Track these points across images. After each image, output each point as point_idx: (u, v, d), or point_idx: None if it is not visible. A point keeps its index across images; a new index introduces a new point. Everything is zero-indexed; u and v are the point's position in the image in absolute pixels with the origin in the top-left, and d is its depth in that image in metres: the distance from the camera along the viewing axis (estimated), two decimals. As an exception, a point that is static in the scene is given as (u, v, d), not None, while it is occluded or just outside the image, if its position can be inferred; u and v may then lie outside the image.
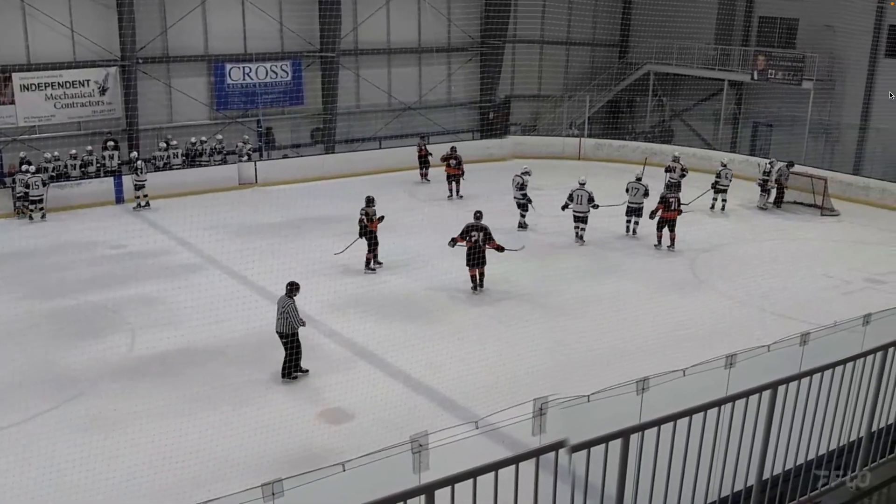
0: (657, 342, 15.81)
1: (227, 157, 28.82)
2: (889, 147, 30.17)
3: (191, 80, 29.61)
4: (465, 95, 35.82)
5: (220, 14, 29.78)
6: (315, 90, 31.73)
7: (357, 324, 16.29)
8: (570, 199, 22.24)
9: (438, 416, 12.71)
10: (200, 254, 20.78)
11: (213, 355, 15.07)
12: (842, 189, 27.36)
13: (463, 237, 18.42)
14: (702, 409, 5.67)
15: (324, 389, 13.75)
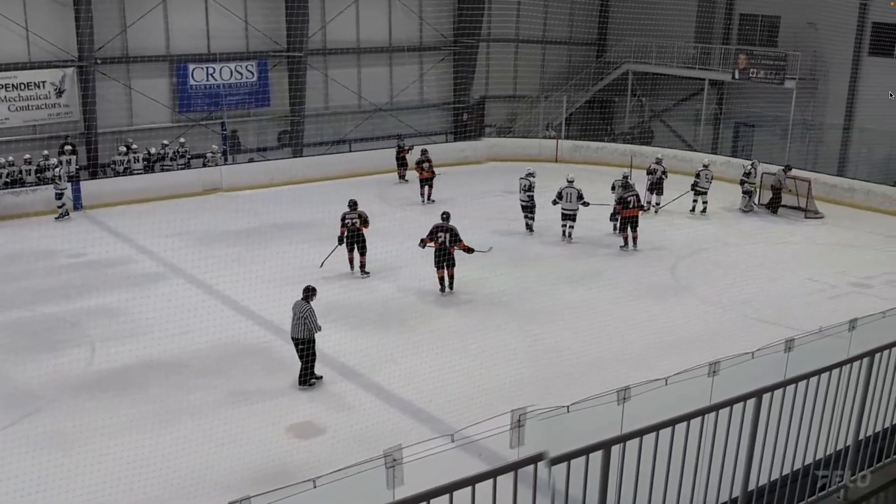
0: (638, 350, 15.88)
1: (191, 161, 28.69)
2: (874, 148, 30.49)
3: (152, 81, 29.44)
4: (437, 96, 35.85)
5: (183, 12, 29.64)
6: (282, 91, 31.64)
7: (327, 334, 16.22)
8: (560, 196, 22.69)
9: (413, 429, 12.69)
10: (163, 262, 20.65)
11: (176, 368, 14.96)
12: (826, 191, 27.63)
13: (430, 238, 18.76)
14: (685, 419, 5.69)
15: (293, 403, 13.69)
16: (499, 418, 8.14)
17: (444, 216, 19.05)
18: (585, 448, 4.98)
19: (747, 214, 26.32)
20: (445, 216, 19.04)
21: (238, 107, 30.99)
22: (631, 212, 22.29)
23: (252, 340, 16.13)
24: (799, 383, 6.52)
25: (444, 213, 19.18)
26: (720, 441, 6.25)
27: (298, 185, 28.84)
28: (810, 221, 25.78)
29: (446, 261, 18.75)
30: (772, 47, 33.20)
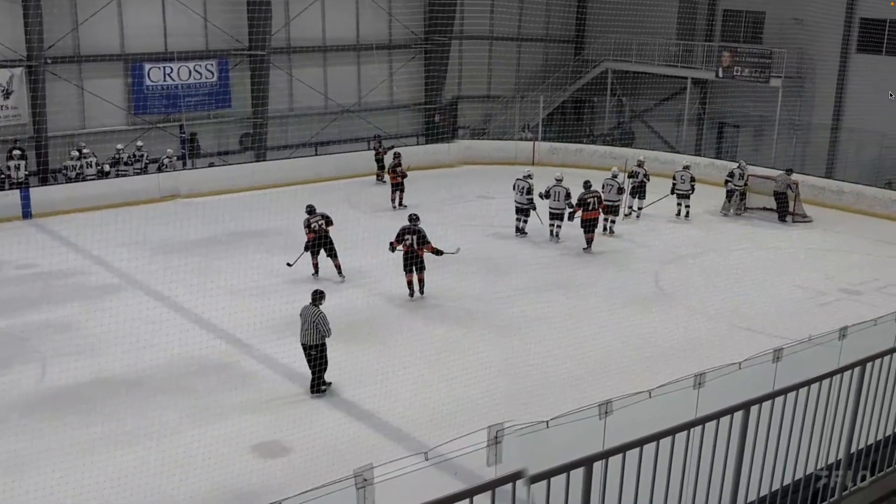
0: (620, 362, 15.93)
1: (148, 165, 28.51)
2: (863, 148, 30.80)
3: (106, 81, 29.27)
4: (408, 97, 35.88)
5: (138, 9, 29.51)
6: (244, 92, 31.55)
7: (294, 348, 16.16)
8: (547, 194, 23.19)
9: (384, 447, 12.66)
10: (118, 273, 20.50)
11: (134, 386, 14.86)
12: (814, 193, 27.87)
13: (398, 240, 19.07)
14: (670, 433, 5.71)
15: (258, 420, 13.63)
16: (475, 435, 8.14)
17: (412, 218, 19.32)
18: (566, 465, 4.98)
19: (730, 218, 26.49)
20: (413, 218, 19.32)
21: (197, 108, 30.85)
22: (590, 214, 22.66)
23: (214, 355, 16.04)
24: (788, 395, 6.57)
25: (411, 215, 19.46)
26: (707, 456, 6.27)
27: (262, 190, 28.72)
28: (798, 226, 25.98)
29: (415, 264, 19.01)
30: (756, 44, 33.47)
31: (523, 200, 23.74)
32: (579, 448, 5.41)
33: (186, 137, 30.48)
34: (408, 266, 19.05)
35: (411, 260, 19.00)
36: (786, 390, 6.54)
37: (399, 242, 19.09)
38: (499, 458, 8.01)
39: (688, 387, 9.59)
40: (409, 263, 19.04)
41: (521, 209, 23.87)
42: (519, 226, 23.96)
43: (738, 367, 9.91)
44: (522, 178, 23.88)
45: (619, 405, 8.95)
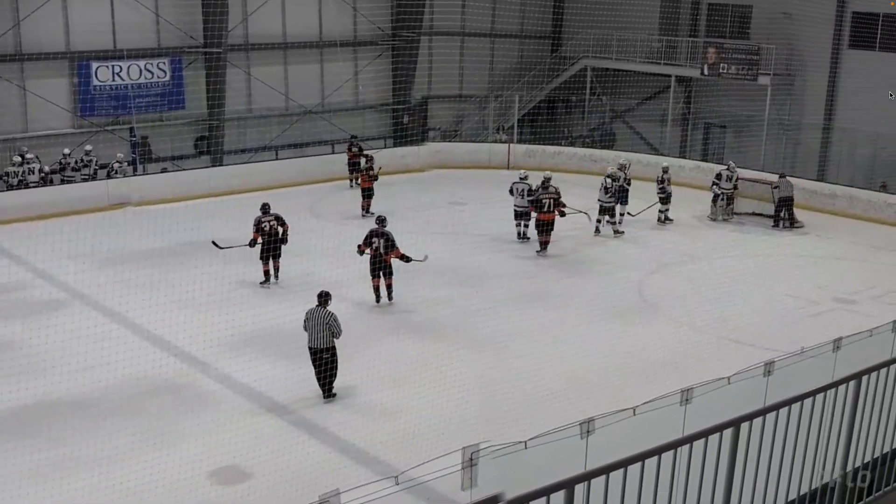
0: (602, 378, 15.97)
1: (98, 171, 28.26)
2: (856, 149, 31.09)
3: (50, 81, 29.09)
4: (375, 97, 35.89)
5: (84, 4, 29.37)
6: (199, 92, 31.45)
7: (253, 366, 16.11)
8: (511, 192, 23.90)
9: (352, 471, 12.62)
10: (64, 287, 20.35)
11: (81, 408, 14.74)
12: (805, 197, 28.09)
13: (365, 244, 19.37)
14: (655, 453, 5.73)
15: (216, 444, 13.55)
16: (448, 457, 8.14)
17: (380, 220, 19.62)
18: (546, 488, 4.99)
19: (717, 223, 26.64)
20: (381, 221, 19.61)
21: (149, 110, 30.73)
22: (545, 215, 22.95)
23: (168, 374, 15.95)
24: (780, 410, 6.61)
25: (379, 217, 19.77)
26: (695, 476, 6.30)
27: (218, 197, 28.59)
28: (789, 232, 26.17)
29: (382, 269, 19.24)
30: (744, 40, 33.74)
31: (524, 204, 24.02)
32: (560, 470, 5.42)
33: (137, 141, 30.32)
34: (374, 271, 19.27)
35: (378, 265, 19.21)
36: (777, 406, 6.59)
37: (366, 246, 19.31)
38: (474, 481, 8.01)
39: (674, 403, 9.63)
40: (375, 268, 19.24)
41: (522, 213, 24.16)
42: (520, 231, 24.28)
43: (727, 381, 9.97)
44: (520, 181, 24.24)
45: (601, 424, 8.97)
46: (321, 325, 14.77)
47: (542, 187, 23.23)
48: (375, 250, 19.19)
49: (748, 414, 6.30)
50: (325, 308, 14.93)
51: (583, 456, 8.59)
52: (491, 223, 24.46)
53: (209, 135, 31.78)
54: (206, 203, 27.94)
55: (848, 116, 31.20)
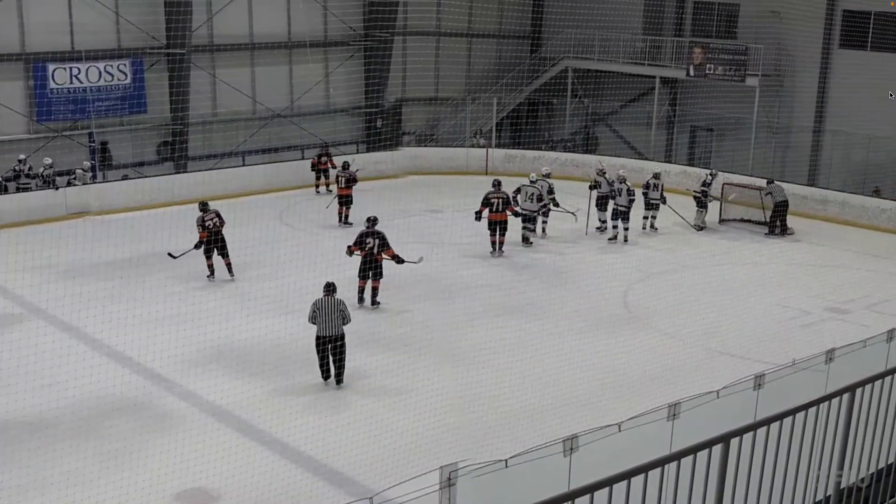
0: (586, 392, 15.99)
1: (56, 179, 28.01)
2: (848, 153, 31.30)
3: (4, 84, 28.97)
4: (346, 100, 35.89)
5: (40, 2, 29.24)
6: (161, 95, 31.38)
7: (221, 383, 16.05)
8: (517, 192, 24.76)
9: (324, 493, 12.61)
10: (20, 301, 20.24)
11: (38, 429, 14.64)
12: (796, 203, 28.23)
13: (358, 245, 19.80)
14: (642, 471, 5.74)
15: (181, 465, 13.48)
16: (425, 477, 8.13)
17: (371, 221, 20.06)
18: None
19: (704, 232, 26.75)
20: (372, 221, 20.05)
21: (108, 114, 30.63)
22: (498, 216, 23.60)
23: (130, 393, 15.86)
24: (771, 425, 6.64)
25: (370, 218, 20.15)
26: (683, 494, 6.32)
27: (183, 205, 28.47)
28: (778, 239, 26.31)
29: (372, 270, 19.70)
30: (731, 39, 33.95)
31: (534, 207, 24.78)
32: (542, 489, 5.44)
33: (96, 147, 30.20)
34: (364, 272, 19.81)
35: (369, 266, 19.64)
36: (768, 420, 6.62)
37: (359, 247, 19.72)
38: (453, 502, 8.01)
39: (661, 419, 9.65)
40: (366, 269, 19.72)
41: (530, 217, 24.87)
42: (526, 234, 24.95)
43: (716, 395, 10.00)
44: (531, 184, 24.93)
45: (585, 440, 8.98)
46: (334, 312, 15.75)
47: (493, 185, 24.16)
48: (369, 251, 19.64)
49: (738, 429, 6.32)
50: (333, 296, 15.92)
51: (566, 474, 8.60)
52: (469, 232, 24.47)
53: (172, 140, 31.68)
54: (170, 212, 27.83)
55: (839, 119, 31.42)
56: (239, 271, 21.89)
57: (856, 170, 30.98)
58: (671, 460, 5.97)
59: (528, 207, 24.84)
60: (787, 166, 32.20)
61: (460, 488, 8.05)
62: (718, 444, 6.22)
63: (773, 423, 6.63)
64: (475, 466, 8.33)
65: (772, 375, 10.45)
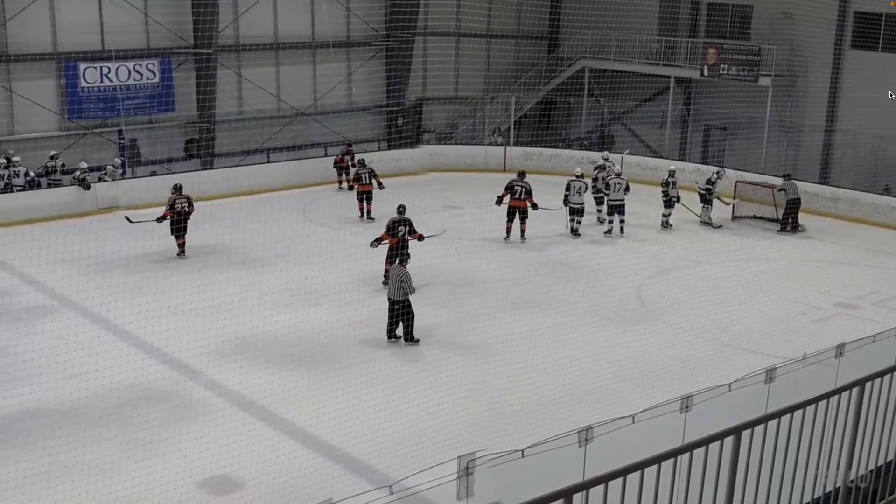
0: (601, 385, 15.96)
1: (87, 176, 28.09)
2: (859, 152, 31.13)
3: (37, 83, 29.06)
4: (368, 98, 35.89)
5: (72, 4, 29.34)
6: (188, 94, 31.44)
7: (245, 373, 16.10)
8: (567, 189, 25.16)
9: (345, 481, 12.60)
10: (51, 293, 20.32)
11: (68, 417, 14.71)
12: (807, 201, 28.09)
13: (390, 234, 20.46)
14: (655, 462, 5.72)
15: (206, 453, 13.52)
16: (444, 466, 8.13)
17: (401, 209, 20.88)
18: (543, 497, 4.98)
19: (717, 228, 26.63)
20: (402, 209, 20.88)
21: (137, 112, 30.71)
22: (518, 202, 24.42)
23: (157, 382, 15.92)
24: (782, 418, 6.60)
25: (400, 206, 20.94)
26: (695, 485, 6.29)
27: (209, 201, 28.54)
28: (789, 236, 26.19)
29: (401, 255, 19.63)
30: (744, 40, 33.79)
31: (580, 201, 25.25)
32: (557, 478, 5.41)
33: (126, 144, 30.30)
34: (393, 258, 19.94)
35: (399, 251, 19.89)
36: (779, 413, 6.58)
37: (391, 236, 20.37)
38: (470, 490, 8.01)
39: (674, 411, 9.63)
40: (396, 255, 19.91)
41: (579, 210, 25.41)
42: (573, 227, 25.51)
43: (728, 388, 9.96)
44: (577, 179, 25.37)
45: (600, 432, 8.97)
46: (398, 280, 17.19)
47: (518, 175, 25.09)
48: (401, 238, 20.36)
49: (749, 421, 6.29)
50: (403, 267, 17.48)
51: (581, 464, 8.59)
52: (487, 227, 24.45)
53: (199, 137, 31.76)
54: (196, 207, 27.91)
55: (850, 118, 31.26)
56: (264, 265, 21.95)
57: (866, 168, 30.80)
58: (684, 452, 5.95)
59: (576, 201, 25.20)
60: (799, 165, 32.04)
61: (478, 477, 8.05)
62: (730, 437, 6.19)
63: (783, 416, 6.60)
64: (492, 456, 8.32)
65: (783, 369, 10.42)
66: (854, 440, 7.28)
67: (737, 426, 6.21)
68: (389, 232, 20.46)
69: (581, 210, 25.39)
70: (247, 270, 21.65)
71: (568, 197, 25.29)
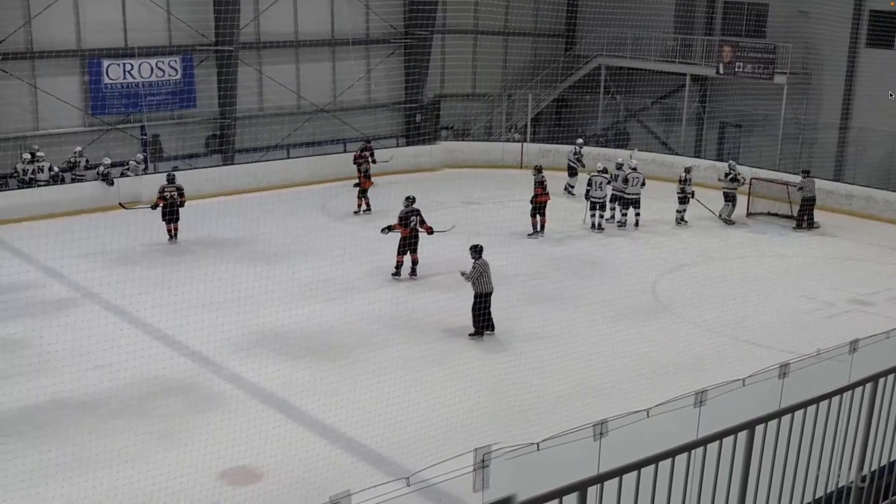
0: (616, 379, 15.94)
1: (111, 171, 28.17)
2: (873, 149, 30.96)
3: (61, 79, 29.17)
4: (387, 95, 35.89)
5: (95, 1, 29.42)
6: (210, 91, 31.50)
7: (264, 366, 16.13)
8: (589, 184, 25.51)
9: (363, 473, 12.63)
10: (75, 286, 20.41)
11: (91, 408, 14.78)
12: (822, 198, 27.97)
13: (402, 224, 20.73)
14: (669, 455, 5.71)
15: (226, 445, 13.57)
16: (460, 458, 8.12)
17: (411, 200, 21.10)
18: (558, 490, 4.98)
19: (733, 225, 26.54)
20: (412, 199, 21.11)
21: (160, 108, 30.79)
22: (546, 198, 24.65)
23: (178, 375, 15.98)
24: (795, 413, 6.58)
25: (409, 197, 21.18)
26: (709, 479, 6.28)
27: (229, 196, 28.68)
28: (804, 232, 26.09)
29: (413, 245, 20.77)
30: (759, 38, 33.64)
31: (601, 195, 25.66)
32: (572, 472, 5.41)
33: (148, 139, 30.40)
34: (405, 248, 20.77)
35: (411, 241, 20.74)
36: (793, 408, 6.56)
37: (404, 226, 20.67)
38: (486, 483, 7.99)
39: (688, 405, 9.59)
40: (407, 245, 20.74)
41: (601, 204, 25.63)
42: (595, 221, 25.68)
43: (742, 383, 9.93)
44: (598, 174, 25.63)
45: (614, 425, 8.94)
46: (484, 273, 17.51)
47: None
48: (413, 229, 20.66)
49: (763, 416, 6.28)
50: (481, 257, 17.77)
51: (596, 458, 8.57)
52: (504, 223, 24.43)
53: (220, 133, 31.82)
54: (217, 202, 28.02)
55: (865, 116, 31.11)
56: (284, 259, 21.98)
57: (880, 166, 30.65)
58: (698, 445, 5.94)
59: (598, 195, 25.40)
60: (814, 162, 31.87)
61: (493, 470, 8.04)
62: (744, 431, 6.17)
63: (797, 410, 6.58)
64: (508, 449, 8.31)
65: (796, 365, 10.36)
66: (867, 435, 7.25)
67: (750, 421, 6.20)
68: (402, 223, 20.74)
69: (603, 204, 25.54)
70: (267, 264, 21.69)
71: (590, 192, 25.45)
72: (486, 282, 17.55)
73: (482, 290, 17.56)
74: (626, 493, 5.60)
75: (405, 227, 20.70)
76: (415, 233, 20.79)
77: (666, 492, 5.92)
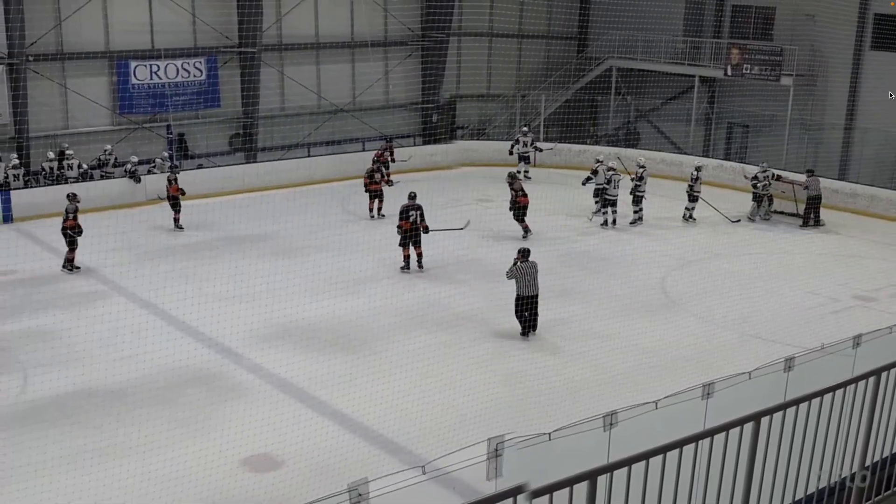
0: (625, 371, 15.93)
1: (138, 168, 28.23)
2: (878, 149, 30.83)
3: (90, 80, 29.27)
4: (404, 96, 35.89)
5: (123, 5, 29.52)
6: (233, 91, 31.57)
7: (286, 357, 16.17)
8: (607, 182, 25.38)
9: (380, 461, 12.66)
10: (103, 280, 20.50)
11: (119, 396, 14.85)
12: (827, 196, 27.84)
13: (403, 218, 21.07)
14: (677, 446, 5.72)
15: (248, 433, 13.63)
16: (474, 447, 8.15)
17: (413, 195, 21.40)
18: (569, 479, 4.99)
19: (742, 222, 26.46)
20: (413, 195, 21.40)
21: (185, 108, 30.86)
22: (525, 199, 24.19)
23: (202, 365, 16.04)
24: (800, 405, 6.58)
25: (412, 193, 21.45)
26: (715, 469, 6.28)
27: (252, 193, 28.76)
28: (809, 230, 26.00)
29: (415, 238, 21.01)
30: (767, 41, 33.52)
31: (615, 193, 25.54)
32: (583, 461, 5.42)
33: (174, 138, 30.50)
34: (407, 241, 21.06)
35: (413, 235, 21.03)
36: (798, 401, 6.56)
37: (405, 220, 20.98)
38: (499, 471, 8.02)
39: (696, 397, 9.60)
40: (410, 238, 21.07)
41: (613, 202, 25.61)
42: (610, 218, 25.63)
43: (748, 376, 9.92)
44: (609, 169, 25.54)
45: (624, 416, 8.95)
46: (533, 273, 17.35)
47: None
48: (413, 222, 20.99)
49: (768, 408, 6.27)
50: (529, 260, 17.53)
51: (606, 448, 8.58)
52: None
53: (244, 132, 31.89)
54: (240, 198, 28.09)
55: (869, 117, 30.99)
56: (305, 254, 22.04)
57: (884, 165, 30.51)
58: (705, 437, 5.94)
59: (612, 193, 25.42)
60: (819, 161, 31.74)
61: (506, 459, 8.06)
62: (750, 423, 6.17)
63: (801, 403, 6.57)
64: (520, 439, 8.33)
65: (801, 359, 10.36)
66: (870, 428, 7.24)
67: (756, 413, 6.19)
68: (403, 217, 21.08)
69: (615, 202, 25.49)
70: (288, 259, 21.73)
71: (607, 190, 25.42)
72: (524, 284, 17.32)
73: (521, 293, 17.36)
74: (635, 482, 5.61)
75: (406, 219, 21.03)
76: (415, 226, 21.10)
77: (674, 481, 5.93)
